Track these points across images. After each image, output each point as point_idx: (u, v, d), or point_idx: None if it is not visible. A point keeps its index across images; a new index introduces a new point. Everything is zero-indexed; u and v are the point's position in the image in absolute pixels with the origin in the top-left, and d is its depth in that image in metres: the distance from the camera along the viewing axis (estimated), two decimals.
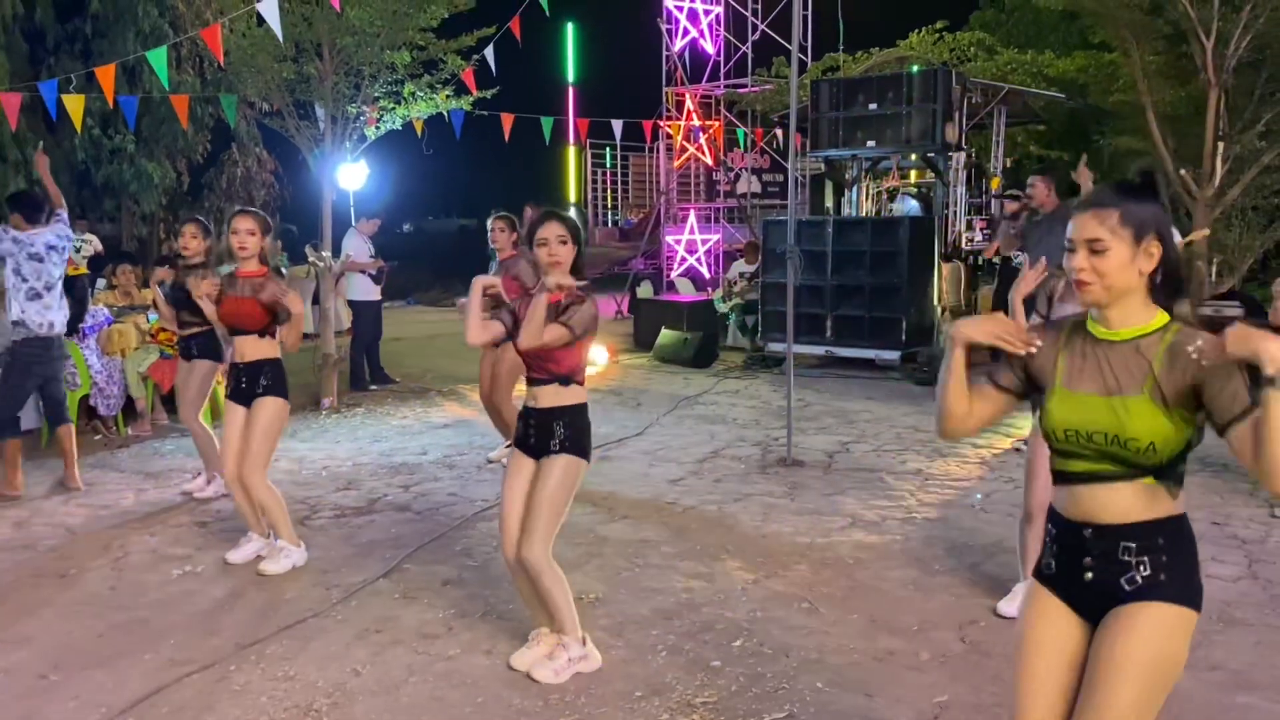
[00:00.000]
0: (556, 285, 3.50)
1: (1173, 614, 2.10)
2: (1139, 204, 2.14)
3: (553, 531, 3.61)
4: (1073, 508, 2.20)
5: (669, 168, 18.70)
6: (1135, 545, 2.12)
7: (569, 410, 3.63)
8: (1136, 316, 2.15)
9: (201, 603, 4.48)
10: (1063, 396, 2.19)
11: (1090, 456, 2.15)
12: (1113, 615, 2.13)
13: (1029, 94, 13.15)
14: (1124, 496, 2.12)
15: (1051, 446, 2.24)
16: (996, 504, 5.89)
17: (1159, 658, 2.09)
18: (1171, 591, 2.10)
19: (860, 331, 10.54)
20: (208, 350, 6.04)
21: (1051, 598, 2.25)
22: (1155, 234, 2.13)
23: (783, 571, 4.79)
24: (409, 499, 6.12)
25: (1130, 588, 2.12)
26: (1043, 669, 2.24)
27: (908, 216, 11.11)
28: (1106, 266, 2.12)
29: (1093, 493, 2.16)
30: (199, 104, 14.84)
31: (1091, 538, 2.16)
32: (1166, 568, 2.11)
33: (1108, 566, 2.14)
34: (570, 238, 3.59)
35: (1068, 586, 2.22)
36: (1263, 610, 4.33)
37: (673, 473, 6.68)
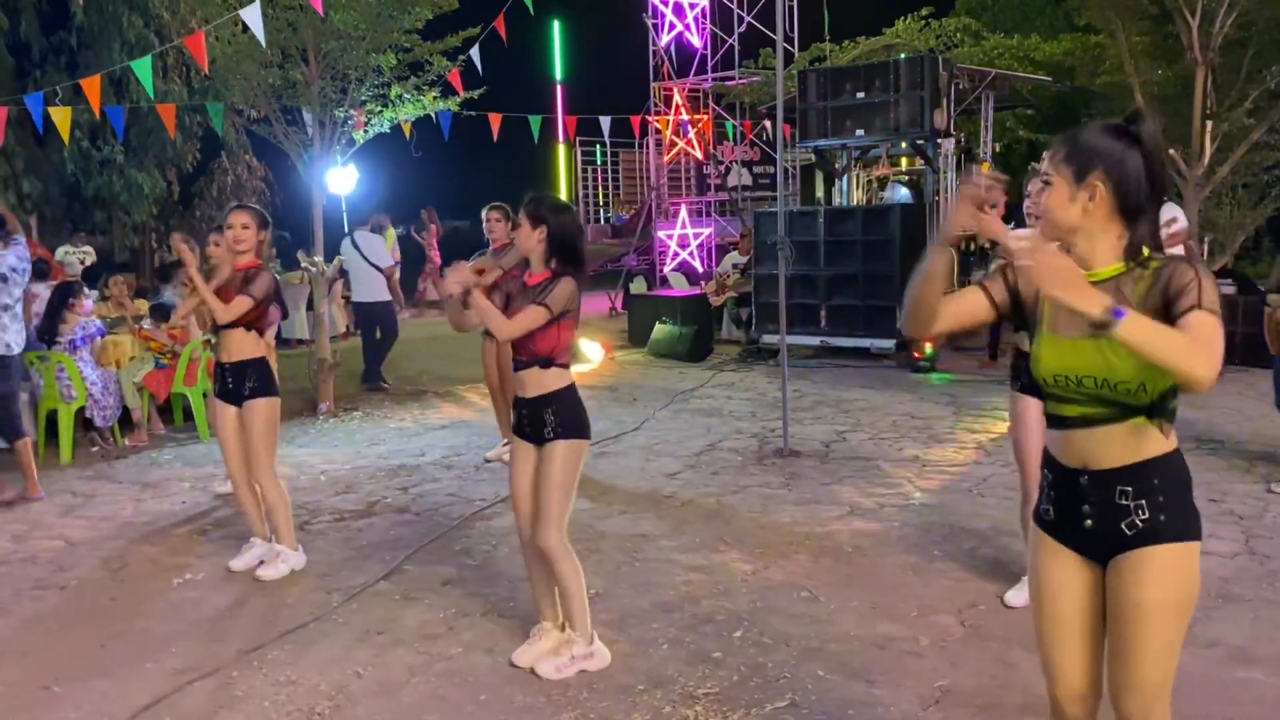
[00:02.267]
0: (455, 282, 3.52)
1: (1179, 552, 2.14)
2: (1093, 142, 2.13)
3: (564, 515, 3.62)
4: (1068, 453, 2.22)
5: (659, 163, 18.68)
6: (1132, 489, 2.14)
7: (556, 395, 3.62)
8: (1110, 255, 2.15)
9: (203, 610, 4.48)
10: (1050, 341, 2.20)
11: (1082, 400, 2.16)
12: (1122, 563, 2.17)
13: (1016, 78, 13.16)
14: (1118, 438, 2.14)
15: (1044, 392, 2.25)
16: (993, 488, 5.91)
17: (1176, 596, 2.15)
18: (1172, 531, 2.14)
19: (854, 321, 10.56)
20: None
21: (1055, 544, 2.28)
22: (1102, 171, 2.11)
23: (782, 561, 4.80)
24: (408, 500, 6.12)
25: (1131, 532, 2.15)
26: (1063, 613, 2.28)
27: (898, 204, 11.12)
28: (1050, 201, 2.17)
29: (1087, 436, 2.17)
30: (186, 113, 14.82)
31: (1088, 484, 2.18)
32: (1164, 508, 2.14)
33: (1106, 512, 2.17)
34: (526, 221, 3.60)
35: (1069, 532, 2.25)
36: (1260, 585, 4.35)
37: (670, 466, 6.69)
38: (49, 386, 7.48)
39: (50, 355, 7.46)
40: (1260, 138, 12.33)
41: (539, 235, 3.60)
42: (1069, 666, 2.31)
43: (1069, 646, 2.30)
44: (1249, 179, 13.46)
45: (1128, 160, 2.11)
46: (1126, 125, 2.15)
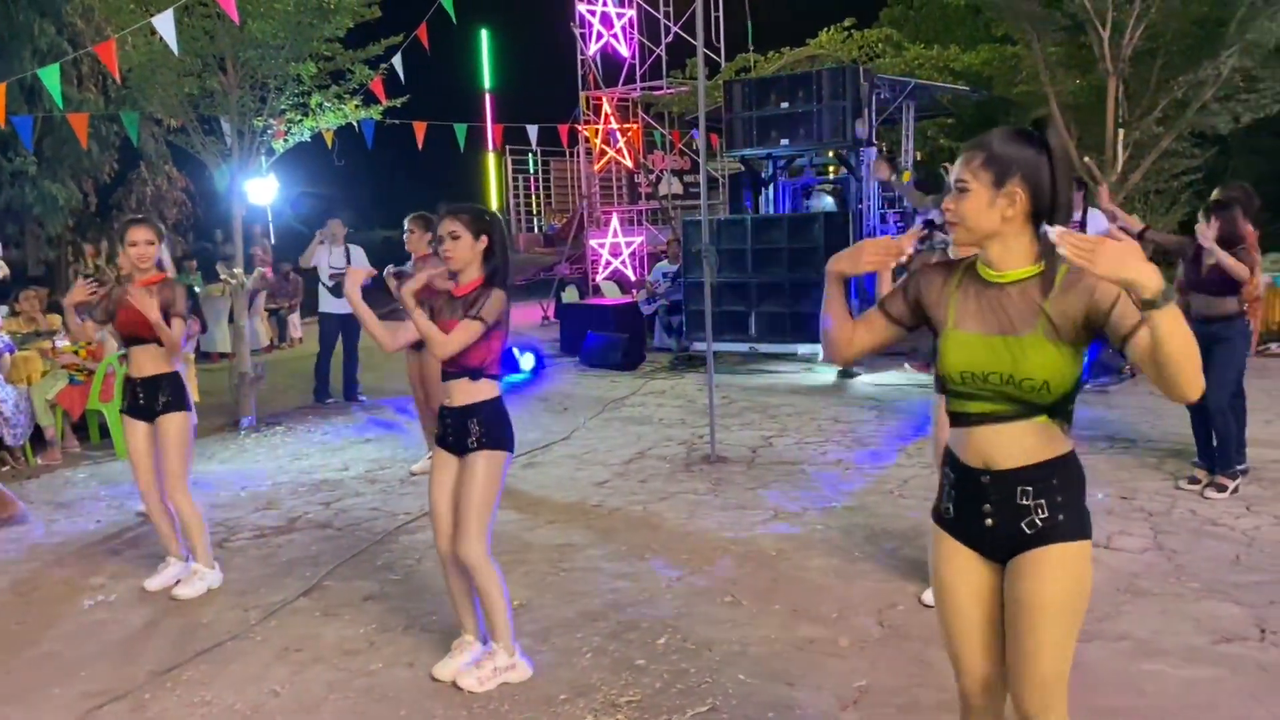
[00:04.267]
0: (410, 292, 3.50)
1: (1074, 550, 2.20)
2: (1009, 148, 2.18)
3: (486, 526, 3.59)
4: (970, 452, 2.27)
5: (589, 172, 18.71)
6: (1032, 489, 2.20)
7: (482, 406, 3.59)
8: (1022, 258, 2.21)
9: (116, 632, 4.36)
10: (956, 338, 2.25)
11: (987, 397, 2.21)
12: (1020, 562, 2.22)
13: (936, 88, 13.44)
14: (1020, 436, 2.19)
15: (946, 389, 2.30)
16: (914, 489, 6.01)
17: (1071, 593, 2.21)
18: (1069, 530, 2.20)
19: (782, 327, 10.67)
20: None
21: (955, 543, 2.33)
22: (1020, 178, 2.16)
23: (707, 567, 4.83)
24: (330, 516, 6.03)
25: (1031, 531, 2.20)
26: (963, 609, 2.33)
27: (823, 212, 11.26)
28: (965, 208, 2.20)
29: (989, 434, 2.22)
30: (102, 122, 14.46)
31: (990, 483, 2.23)
32: (1062, 507, 2.20)
33: (1007, 511, 2.22)
34: (465, 232, 3.57)
35: (969, 531, 2.30)
36: (1167, 580, 4.48)
37: (599, 475, 6.69)
38: None
39: None
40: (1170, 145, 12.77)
41: (481, 245, 3.58)
42: (973, 660, 2.37)
43: (972, 641, 2.35)
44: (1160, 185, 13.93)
45: (1041, 167, 2.17)
46: (1036, 132, 2.21)
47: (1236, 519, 5.27)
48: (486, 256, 3.59)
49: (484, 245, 3.57)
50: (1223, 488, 5.68)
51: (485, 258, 3.59)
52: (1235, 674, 3.57)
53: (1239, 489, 5.70)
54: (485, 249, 3.58)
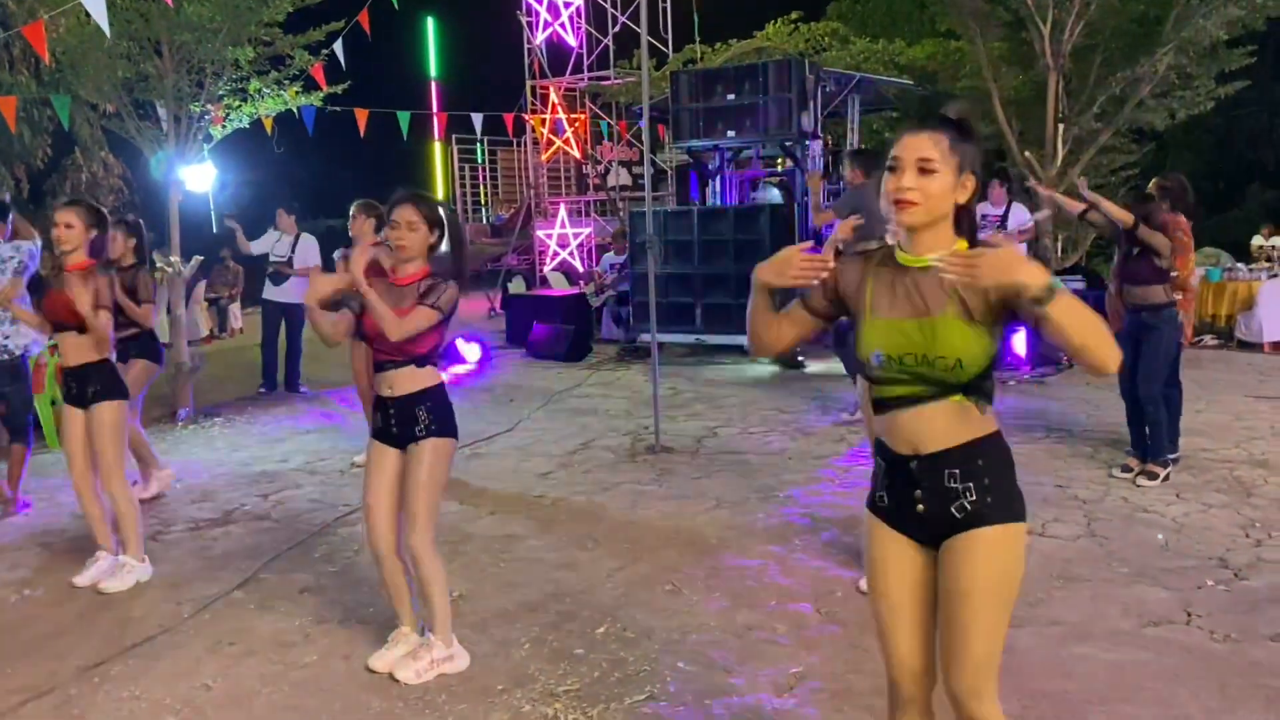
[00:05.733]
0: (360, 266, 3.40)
1: (1005, 533, 2.23)
2: (968, 136, 2.24)
3: (435, 516, 3.55)
4: (896, 438, 2.29)
5: (537, 162, 18.61)
6: (959, 471, 2.23)
7: (429, 393, 3.55)
8: (942, 243, 2.24)
9: (41, 627, 4.25)
10: (873, 324, 2.28)
11: (904, 380, 2.23)
12: (951, 546, 2.25)
13: (881, 82, 13.55)
14: (938, 416, 2.22)
15: (868, 376, 2.33)
16: (854, 478, 6.06)
17: (1002, 576, 2.23)
18: (998, 513, 2.23)
19: (728, 319, 10.69)
20: (144, 351, 5.94)
21: (889, 530, 2.35)
22: (971, 171, 2.23)
23: (648, 556, 4.83)
24: (268, 508, 5.94)
25: (960, 515, 2.23)
26: (897, 596, 2.35)
27: (768, 205, 11.31)
28: (933, 188, 2.20)
29: (911, 417, 2.25)
30: (34, 106, 14.06)
31: (918, 470, 2.26)
32: (990, 490, 2.23)
33: (936, 496, 2.25)
34: (422, 224, 3.51)
35: (902, 518, 2.32)
36: (1098, 566, 4.57)
37: (542, 466, 6.66)
38: None
39: None
40: (1108, 141, 13.01)
41: (435, 237, 3.53)
42: (905, 648, 2.39)
43: (904, 628, 2.37)
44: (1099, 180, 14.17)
45: (980, 162, 2.25)
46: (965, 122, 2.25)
47: (1167, 506, 5.39)
48: (431, 249, 3.54)
49: (438, 236, 3.53)
50: (1154, 475, 5.81)
51: (430, 250, 3.54)
52: (1161, 656, 3.65)
53: (1170, 477, 5.83)
54: (439, 240, 3.53)
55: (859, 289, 2.33)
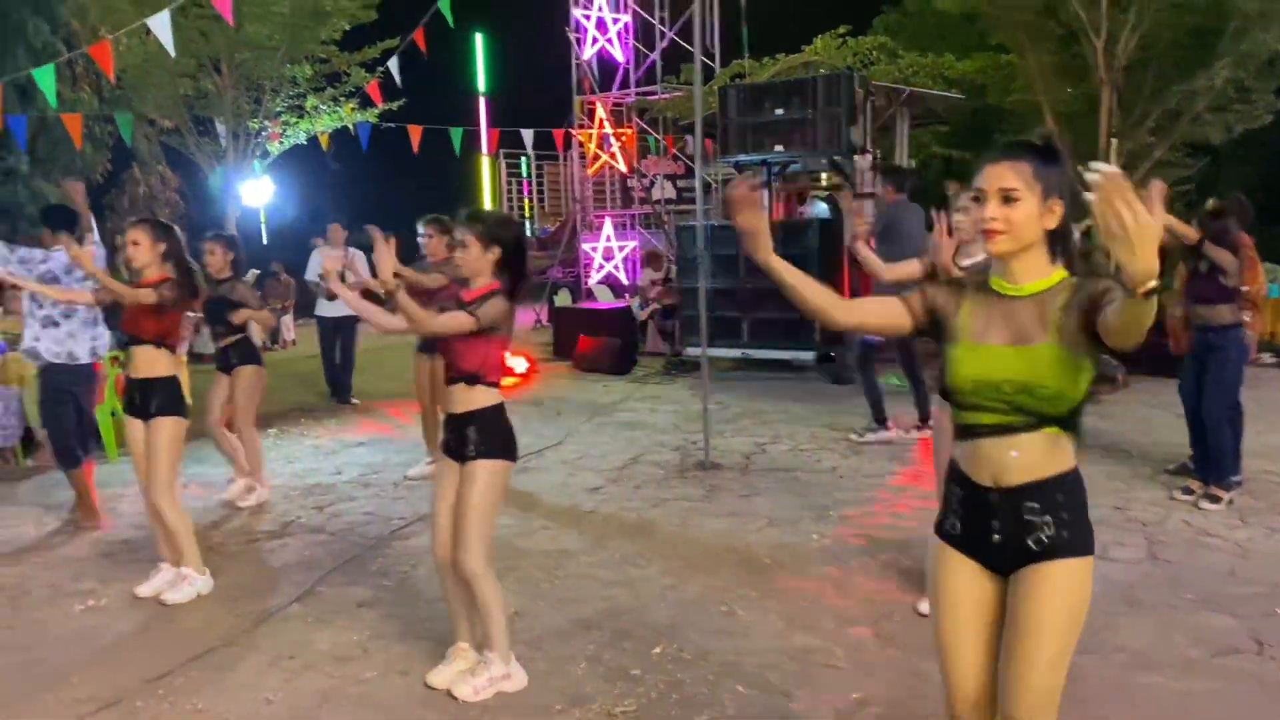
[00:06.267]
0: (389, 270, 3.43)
1: (1077, 566, 2.23)
2: (1053, 161, 2.21)
3: (485, 536, 3.56)
4: (978, 467, 2.27)
5: (583, 176, 18.69)
6: (1039, 505, 2.21)
7: (480, 414, 3.57)
8: (1039, 271, 2.23)
9: (105, 638, 4.33)
10: (969, 349, 2.26)
11: (999, 409, 2.21)
12: (1023, 577, 2.24)
13: (931, 96, 13.46)
14: (1030, 448, 2.20)
15: (957, 402, 2.30)
16: (909, 498, 6.00)
17: (1071, 609, 2.22)
18: (1073, 546, 2.22)
19: (775, 333, 10.66)
20: (247, 356, 6.33)
21: (959, 556, 2.34)
22: (1058, 195, 2.20)
23: (702, 575, 4.81)
24: (323, 520, 6.00)
25: (1037, 547, 2.22)
26: (963, 624, 2.34)
27: (815, 219, 11.26)
28: (1018, 216, 2.18)
29: (999, 447, 2.22)
30: (96, 123, 14.40)
31: (997, 501, 2.24)
32: (1067, 524, 2.22)
33: (1013, 528, 2.24)
34: (475, 241, 3.55)
35: (974, 546, 2.31)
36: (1162, 591, 4.48)
37: (592, 481, 6.67)
38: None
39: None
40: (1163, 155, 12.83)
41: (492, 256, 3.56)
42: (967, 675, 2.36)
43: (968, 657, 2.35)
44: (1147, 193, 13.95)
45: (1069, 186, 2.21)
46: (1051, 145, 2.24)
47: (1231, 530, 5.28)
48: (500, 266, 3.57)
49: (495, 255, 3.56)
50: (1217, 499, 5.69)
51: (498, 267, 3.57)
52: (1232, 687, 3.57)
53: (1233, 500, 5.70)
54: (498, 259, 3.56)
55: (955, 312, 2.32)
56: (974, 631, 2.34)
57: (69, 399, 5.95)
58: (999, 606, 2.31)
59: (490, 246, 3.56)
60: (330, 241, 9.59)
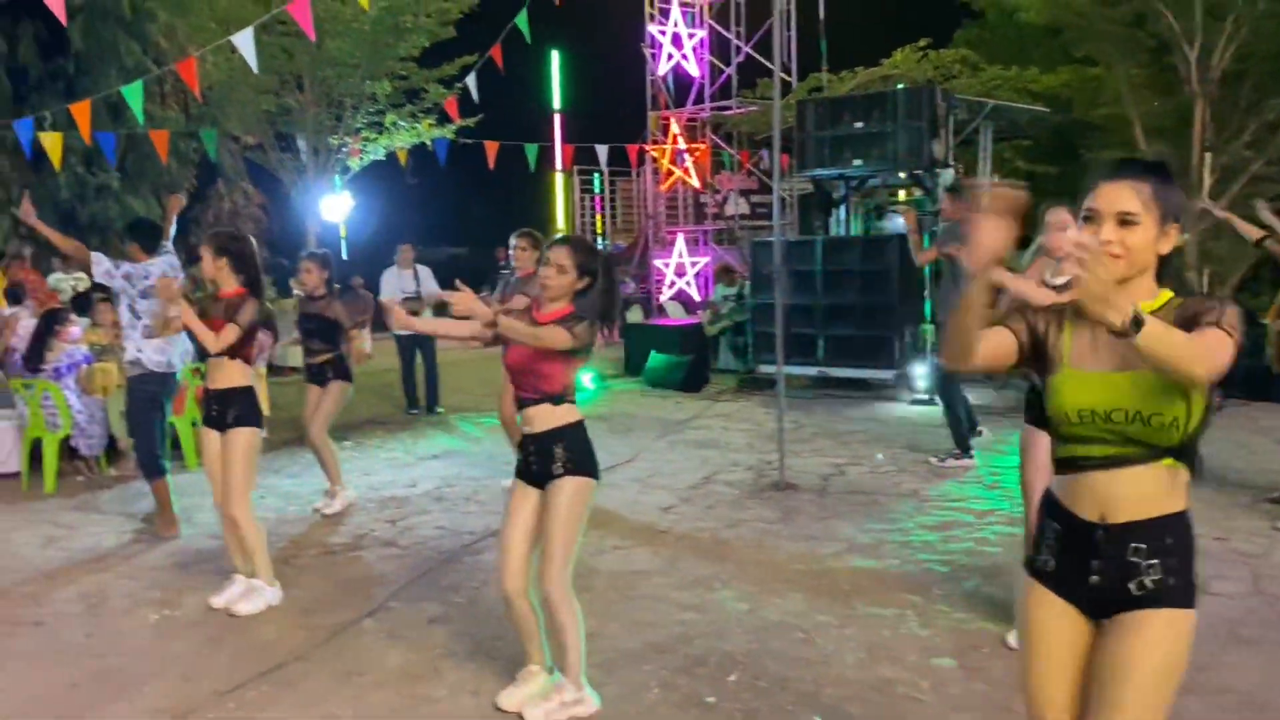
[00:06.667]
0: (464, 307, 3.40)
1: (1180, 618, 2.07)
2: (1169, 182, 2.06)
3: (571, 557, 3.49)
4: (1082, 502, 2.12)
5: (656, 191, 18.67)
6: (1146, 546, 2.05)
7: (568, 430, 3.50)
8: (1145, 295, 2.08)
9: (179, 648, 4.34)
10: (1073, 376, 2.11)
11: (1109, 439, 2.06)
12: (1121, 622, 2.09)
13: (1014, 109, 13.13)
14: (1141, 482, 2.05)
15: (1060, 433, 2.15)
16: (994, 524, 5.78)
17: (1169, 663, 2.07)
18: (1177, 596, 2.06)
19: (852, 351, 10.46)
20: (340, 373, 6.46)
21: (1050, 595, 2.18)
22: (1175, 219, 2.06)
23: (778, 600, 4.67)
24: (395, 534, 5.99)
25: (1139, 592, 2.06)
26: (1052, 669, 2.19)
27: (897, 234, 11.03)
28: (1135, 241, 2.03)
29: (1108, 480, 2.07)
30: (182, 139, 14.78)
31: (1103, 540, 2.08)
32: (1174, 571, 2.06)
33: (1115, 569, 2.08)
34: (573, 269, 3.49)
35: (1069, 586, 2.15)
36: (1270, 628, 4.22)
37: (664, 500, 6.56)
38: (34, 415, 7.36)
39: (36, 383, 7.35)
40: (1259, 169, 12.33)
41: (583, 284, 3.51)
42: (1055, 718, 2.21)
43: (1057, 700, 2.20)
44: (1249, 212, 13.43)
45: (1185, 209, 2.07)
46: (1165, 166, 2.09)
47: None
48: (579, 293, 3.51)
49: (583, 285, 3.50)
50: None
51: (576, 294, 3.51)
52: None
53: None
54: (586, 288, 3.50)
55: (1056, 337, 2.16)
56: (1064, 675, 2.18)
57: (159, 409, 6.04)
58: (1089, 650, 2.16)
59: (583, 276, 3.50)
60: (400, 263, 9.82)
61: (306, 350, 6.61)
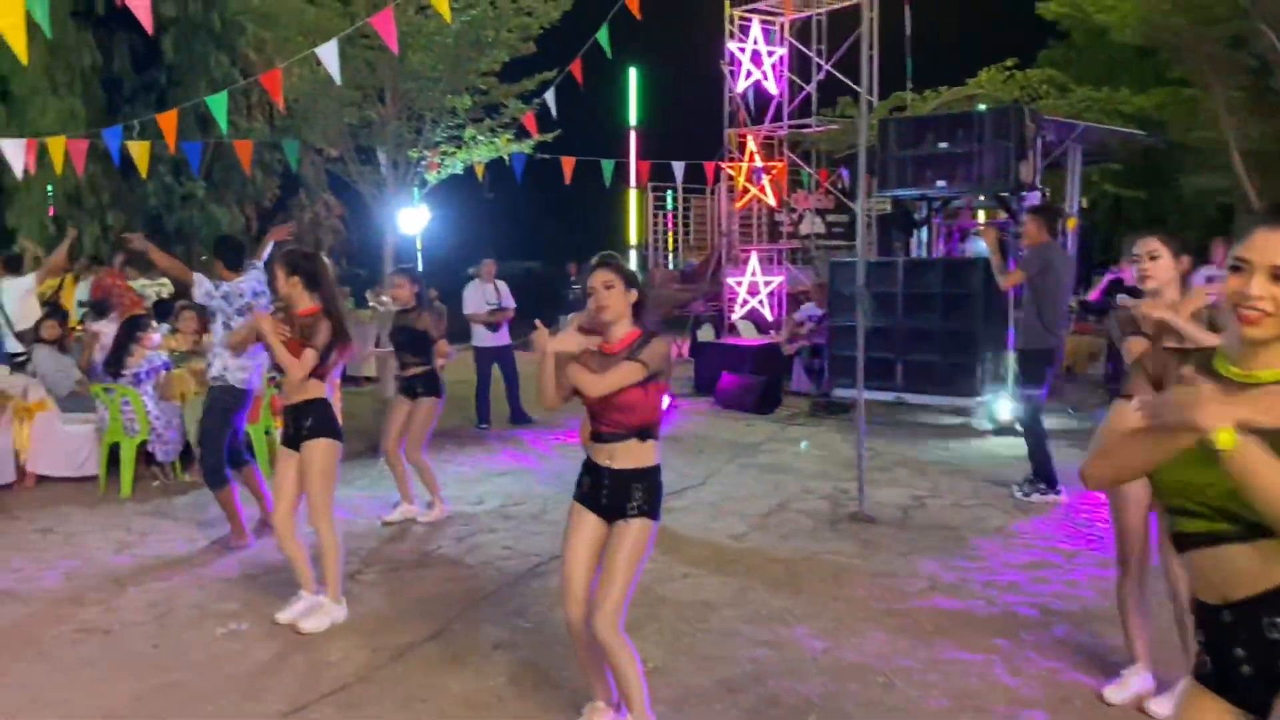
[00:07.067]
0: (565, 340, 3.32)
1: None
2: None
3: (626, 600, 3.34)
4: (1201, 584, 1.93)
5: (730, 209, 18.49)
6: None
7: (649, 472, 3.38)
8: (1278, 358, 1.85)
9: (244, 664, 4.29)
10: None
11: (1206, 515, 1.86)
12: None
13: (1106, 131, 12.71)
14: (1247, 559, 1.83)
15: (1166, 506, 1.96)
16: (1085, 565, 5.49)
17: None
18: None
19: (932, 378, 10.15)
20: (432, 388, 6.54)
21: (1210, 698, 1.95)
22: None
23: (857, 640, 4.46)
24: (462, 552, 5.91)
25: None
26: None
27: (982, 258, 10.70)
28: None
29: (1214, 558, 1.87)
30: (266, 150, 15.06)
31: (1232, 621, 1.87)
32: None
33: (1259, 652, 1.85)
34: (619, 282, 3.35)
35: (1224, 683, 1.93)
36: None
37: (736, 527, 6.38)
38: (113, 419, 7.46)
39: (116, 388, 7.45)
40: None
41: (633, 298, 3.37)
42: None
43: None
44: None
45: None
46: None
47: None
48: (637, 310, 3.37)
49: (635, 298, 3.36)
50: None
51: (635, 311, 3.38)
52: None
53: None
54: (636, 302, 3.36)
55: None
56: None
57: (231, 424, 6.05)
58: None
59: (630, 286, 3.37)
60: (482, 277, 9.89)
61: (400, 364, 6.71)
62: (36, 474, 7.72)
